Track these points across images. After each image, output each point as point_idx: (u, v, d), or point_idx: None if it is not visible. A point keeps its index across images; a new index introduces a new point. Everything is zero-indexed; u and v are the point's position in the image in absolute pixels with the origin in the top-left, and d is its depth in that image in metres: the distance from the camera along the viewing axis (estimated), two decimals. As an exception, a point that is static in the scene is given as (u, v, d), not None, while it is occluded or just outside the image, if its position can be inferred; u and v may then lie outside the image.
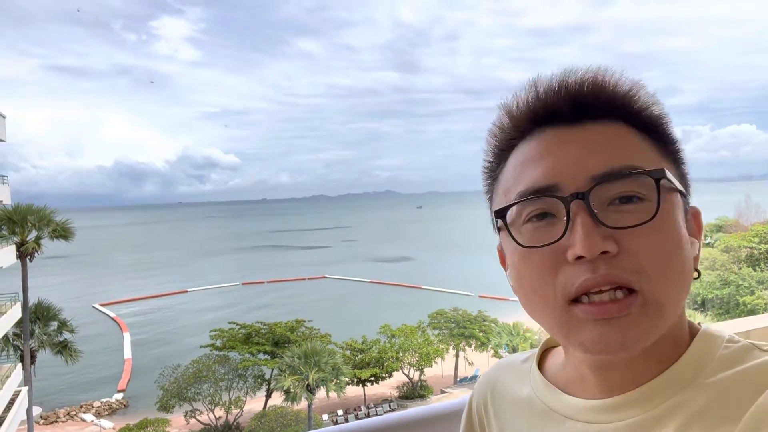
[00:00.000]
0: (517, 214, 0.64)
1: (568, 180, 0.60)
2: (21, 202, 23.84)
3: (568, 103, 0.64)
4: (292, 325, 34.01)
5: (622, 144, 0.62)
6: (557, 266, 0.59)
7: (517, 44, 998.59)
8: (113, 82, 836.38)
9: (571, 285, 0.58)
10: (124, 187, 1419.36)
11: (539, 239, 0.61)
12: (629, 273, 0.56)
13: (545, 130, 0.65)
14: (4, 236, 22.38)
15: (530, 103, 0.66)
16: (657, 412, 0.59)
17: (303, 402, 26.40)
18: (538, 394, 0.74)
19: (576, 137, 0.63)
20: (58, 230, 24.00)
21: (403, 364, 33.21)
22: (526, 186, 0.63)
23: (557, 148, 0.63)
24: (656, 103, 0.66)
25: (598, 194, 0.58)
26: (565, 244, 0.58)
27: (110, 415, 33.39)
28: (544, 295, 0.61)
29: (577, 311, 0.58)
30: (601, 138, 0.62)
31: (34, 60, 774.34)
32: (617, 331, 0.57)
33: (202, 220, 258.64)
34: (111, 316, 55.43)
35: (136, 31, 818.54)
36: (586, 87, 0.64)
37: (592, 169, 0.59)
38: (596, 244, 0.56)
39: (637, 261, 0.57)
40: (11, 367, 20.48)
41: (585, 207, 0.58)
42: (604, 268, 0.56)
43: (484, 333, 34.93)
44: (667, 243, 0.58)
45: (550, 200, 0.60)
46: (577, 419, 0.66)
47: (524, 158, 0.65)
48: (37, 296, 25.07)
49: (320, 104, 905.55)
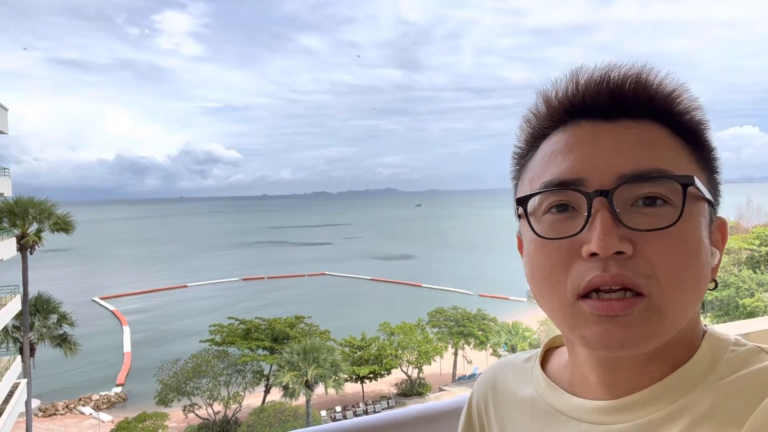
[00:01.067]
0: (539, 204, 0.63)
1: (594, 176, 0.59)
2: (22, 194, 23.83)
3: (608, 98, 0.63)
4: (291, 321, 34.06)
5: (655, 146, 0.61)
6: (571, 260, 0.59)
7: (520, 43, 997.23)
8: (115, 76, 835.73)
9: (581, 280, 0.58)
10: (126, 181, 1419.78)
11: (557, 231, 0.60)
12: (639, 276, 0.56)
13: (580, 123, 0.64)
14: (5, 229, 22.40)
15: (569, 93, 0.65)
16: (662, 415, 0.59)
17: (301, 398, 26.45)
18: (541, 393, 0.74)
19: (610, 133, 0.62)
20: (59, 223, 24.02)
21: (401, 361, 33.24)
22: (552, 177, 0.62)
23: (589, 142, 0.62)
24: (698, 108, 0.65)
25: (622, 193, 0.57)
26: (581, 239, 0.58)
27: (109, 408, 33.47)
28: (555, 286, 0.61)
29: (584, 306, 0.58)
30: (636, 137, 0.61)
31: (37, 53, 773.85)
32: (618, 329, 0.57)
33: (204, 216, 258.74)
34: (111, 310, 55.51)
35: (138, 25, 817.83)
36: (628, 84, 0.63)
37: (620, 167, 0.58)
38: (612, 244, 0.55)
39: (651, 266, 0.56)
40: (10, 359, 20.51)
41: (607, 205, 0.57)
42: (616, 269, 0.56)
43: (483, 332, 34.95)
44: (684, 251, 0.57)
45: (574, 194, 0.60)
46: (582, 420, 0.66)
47: (554, 149, 0.65)
48: (37, 289, 25.10)
49: (322, 101, 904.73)
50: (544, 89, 0.68)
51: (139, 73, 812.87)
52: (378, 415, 1.27)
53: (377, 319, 36.84)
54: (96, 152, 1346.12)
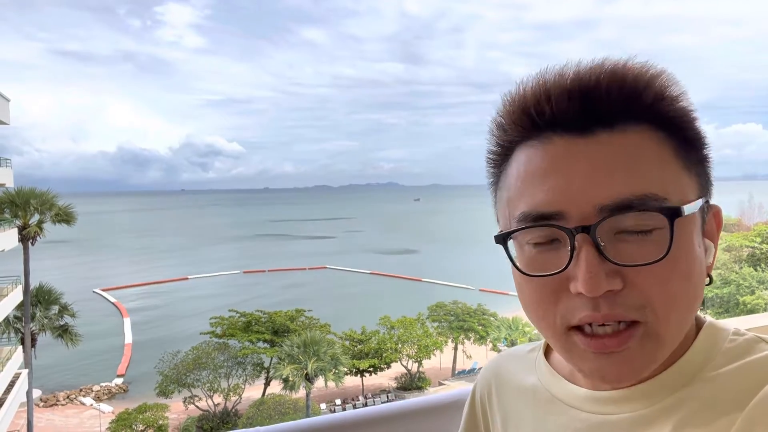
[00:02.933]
0: (522, 235, 0.60)
1: (573, 209, 0.55)
2: (25, 185, 23.86)
3: (579, 108, 0.57)
4: (291, 314, 34.12)
5: (638, 161, 0.55)
6: (559, 294, 0.57)
7: (523, 38, 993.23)
8: (117, 68, 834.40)
9: (572, 316, 0.56)
10: (128, 173, 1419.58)
11: (541, 266, 0.58)
12: (631, 309, 0.54)
13: (552, 139, 0.59)
14: (7, 219, 22.43)
15: (538, 100, 0.59)
16: (660, 407, 0.59)
17: (301, 391, 26.54)
18: (544, 382, 0.74)
19: (586, 152, 0.56)
20: (61, 214, 24.04)
21: (401, 355, 33.32)
22: (529, 207, 0.58)
23: (564, 166, 0.57)
24: (680, 97, 0.60)
25: (605, 226, 0.54)
26: (567, 274, 0.56)
27: (109, 399, 33.62)
28: (544, 317, 0.60)
29: (577, 339, 0.57)
30: (615, 154, 0.55)
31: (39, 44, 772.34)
32: (614, 366, 0.56)
33: (205, 208, 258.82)
34: (112, 302, 55.66)
35: (140, 17, 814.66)
36: (602, 86, 0.57)
37: (600, 198, 0.54)
38: (599, 284, 0.53)
39: (643, 296, 0.54)
40: (12, 349, 20.56)
41: (590, 240, 0.54)
42: (606, 307, 0.54)
43: (483, 326, 35.00)
44: (677, 278, 0.55)
45: (554, 230, 0.56)
46: (581, 409, 0.66)
47: (528, 169, 0.60)
48: (39, 280, 25.16)
49: (324, 94, 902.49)
50: (511, 93, 0.62)
51: (141, 65, 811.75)
52: (377, 407, 1.28)
53: (377, 312, 36.91)
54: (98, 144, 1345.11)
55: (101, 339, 41.22)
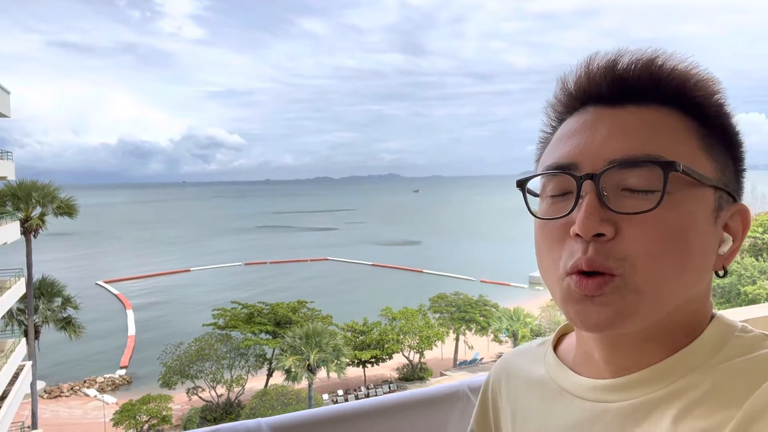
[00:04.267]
0: (543, 186, 0.67)
1: (586, 160, 0.61)
2: (27, 177, 23.92)
3: (611, 83, 0.64)
4: (293, 305, 34.22)
5: (653, 129, 0.61)
6: (564, 238, 0.62)
7: (525, 28, 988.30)
8: (117, 60, 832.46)
9: (569, 259, 0.60)
10: (129, 165, 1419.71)
11: (553, 212, 0.64)
12: (612, 259, 0.57)
13: (587, 109, 0.66)
14: (9, 212, 22.45)
15: (580, 80, 0.67)
16: (661, 394, 0.60)
17: (304, 381, 26.68)
18: (551, 373, 0.76)
19: (609, 119, 0.63)
20: (63, 207, 24.08)
21: (403, 346, 33.44)
22: (551, 161, 0.65)
23: (588, 128, 0.63)
24: (716, 93, 0.64)
25: (611, 178, 0.59)
26: (572, 219, 0.60)
27: (113, 390, 33.82)
28: (551, 262, 0.63)
29: (569, 281, 0.60)
30: (635, 122, 0.61)
31: (39, 36, 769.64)
32: (594, 308, 0.59)
33: (206, 200, 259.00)
34: (114, 293, 55.85)
35: (140, 8, 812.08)
36: (634, 69, 0.63)
37: (611, 152, 0.59)
38: (592, 226, 0.57)
39: (627, 248, 0.57)
40: (15, 341, 20.66)
41: (594, 188, 0.59)
42: (592, 252, 0.58)
43: (485, 317, 35.08)
44: (664, 235, 0.57)
45: (566, 177, 0.62)
46: (585, 398, 0.68)
47: (561, 134, 0.67)
48: (42, 272, 25.25)
49: (325, 85, 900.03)
50: (563, 75, 0.70)
51: (141, 57, 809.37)
52: (376, 398, 1.28)
53: (379, 304, 37.01)
54: (99, 136, 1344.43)
55: (104, 331, 41.43)
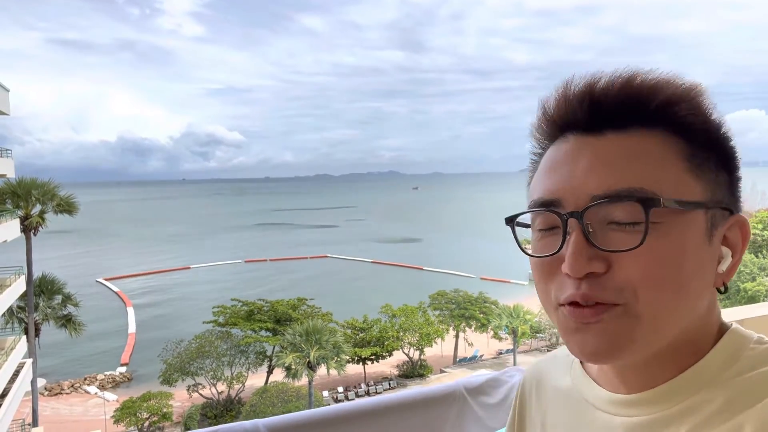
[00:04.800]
0: (532, 220, 0.66)
1: (570, 196, 0.60)
2: (27, 175, 23.82)
3: (588, 110, 0.62)
4: (293, 303, 34.26)
5: (635, 159, 0.59)
6: (554, 273, 0.61)
7: (525, 24, 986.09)
8: (116, 57, 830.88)
9: (560, 294, 0.60)
10: (129, 163, 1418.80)
11: (544, 248, 0.63)
12: (610, 292, 0.57)
13: (568, 138, 0.64)
14: (9, 210, 22.44)
15: (559, 105, 0.65)
16: (675, 411, 0.60)
17: (304, 379, 26.72)
18: (577, 384, 0.76)
19: (590, 149, 0.61)
20: (62, 204, 24.08)
21: (403, 343, 33.49)
22: (537, 196, 0.64)
23: (570, 160, 0.62)
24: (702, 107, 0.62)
25: (596, 213, 0.58)
26: (560, 255, 0.60)
27: (114, 388, 33.87)
28: (545, 295, 0.64)
29: (565, 312, 0.60)
30: (615, 151, 0.60)
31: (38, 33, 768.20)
32: (592, 339, 0.58)
33: (206, 197, 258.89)
34: (115, 291, 55.87)
35: (139, 5, 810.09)
36: (611, 92, 0.61)
37: (593, 188, 0.58)
38: (582, 266, 0.57)
39: (622, 280, 0.57)
40: (16, 339, 20.67)
41: (579, 226, 0.58)
42: (586, 287, 0.57)
43: (485, 314, 35.12)
44: (658, 265, 0.56)
45: (552, 215, 0.62)
46: (605, 411, 0.68)
47: (545, 166, 0.66)
48: (42, 270, 25.26)
49: (324, 82, 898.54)
50: (543, 99, 0.69)
51: (141, 54, 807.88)
52: (374, 398, 1.30)
53: (379, 301, 37.03)
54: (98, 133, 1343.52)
55: (105, 328, 41.46)
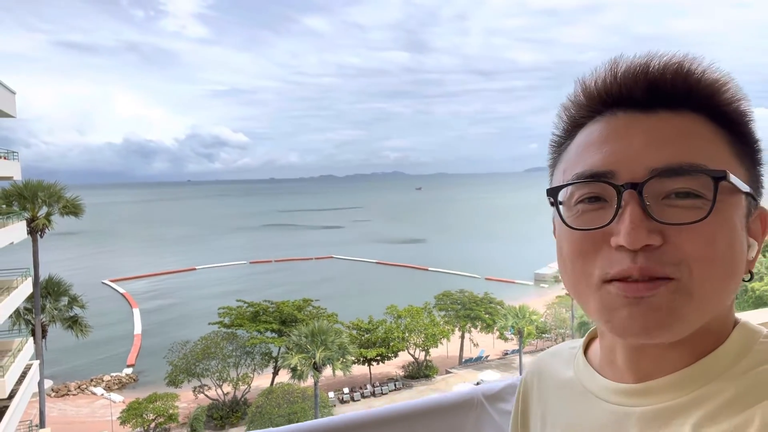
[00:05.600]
0: (571, 194, 0.64)
1: (626, 168, 0.59)
2: (33, 177, 23.95)
3: (645, 88, 0.62)
4: (299, 304, 34.28)
5: (691, 138, 0.60)
6: (599, 248, 0.60)
7: (529, 24, 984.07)
8: (121, 59, 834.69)
9: (609, 268, 0.58)
10: (134, 165, 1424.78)
11: (587, 222, 0.61)
12: (668, 265, 0.56)
13: (616, 114, 0.64)
14: (16, 212, 22.53)
15: (607, 82, 0.64)
16: (684, 401, 0.60)
17: (309, 380, 26.71)
18: (579, 376, 0.76)
19: (645, 125, 0.61)
20: (68, 206, 24.14)
21: (408, 344, 33.46)
22: (584, 168, 0.62)
23: (623, 134, 0.61)
24: (741, 99, 0.63)
25: (653, 187, 0.57)
26: (610, 229, 0.58)
27: (120, 389, 33.99)
28: (582, 271, 0.61)
29: (611, 288, 0.58)
30: (671, 129, 0.60)
31: (43, 36, 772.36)
32: (642, 316, 0.57)
33: (211, 198, 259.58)
34: (121, 292, 56.08)
35: (143, 7, 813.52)
36: (667, 74, 0.61)
37: (653, 161, 0.58)
38: (640, 237, 0.55)
39: (680, 253, 0.56)
40: (23, 341, 20.74)
41: (637, 197, 0.57)
42: (643, 260, 0.56)
43: (490, 315, 35.06)
44: (714, 243, 0.56)
45: (604, 186, 0.60)
46: (609, 401, 0.68)
47: (589, 139, 0.64)
48: (48, 272, 25.34)
49: (329, 83, 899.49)
50: (583, 77, 0.68)
51: (145, 56, 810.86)
52: (389, 406, 1.27)
53: (384, 302, 37.02)
54: (104, 136, 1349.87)
55: (111, 330, 41.60)
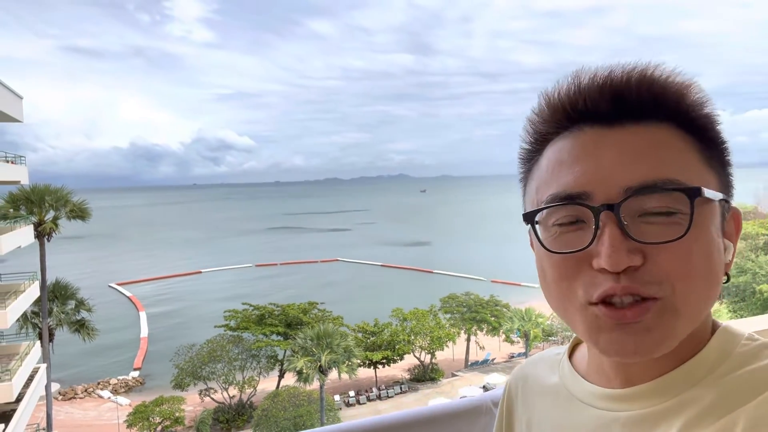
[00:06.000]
0: (547, 215, 0.63)
1: (600, 189, 0.58)
2: (40, 181, 24.06)
3: (610, 101, 0.61)
4: (304, 307, 34.29)
5: (661, 150, 0.59)
6: (581, 269, 0.59)
7: (533, 26, 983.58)
8: (128, 63, 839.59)
9: (593, 290, 0.58)
10: (140, 168, 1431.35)
11: (566, 244, 0.60)
12: (650, 285, 0.56)
13: (583, 129, 0.63)
14: (23, 216, 22.66)
15: (571, 96, 0.63)
16: (669, 405, 0.60)
17: (315, 383, 26.71)
18: (564, 381, 0.76)
19: (614, 140, 0.60)
20: (75, 210, 24.26)
21: (414, 347, 33.40)
22: (557, 190, 0.61)
23: (593, 152, 0.60)
24: (707, 102, 0.63)
25: (629, 205, 0.57)
26: (590, 251, 0.58)
27: (127, 392, 34.07)
28: (566, 292, 0.61)
29: (597, 311, 0.58)
30: (642, 143, 0.59)
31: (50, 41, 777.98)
32: (631, 338, 0.57)
33: (217, 202, 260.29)
34: (127, 296, 56.27)
35: (149, 12, 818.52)
36: (632, 84, 0.61)
37: (626, 179, 0.57)
38: (621, 259, 0.55)
39: (662, 272, 0.56)
40: (30, 344, 20.84)
41: (614, 218, 0.56)
42: (626, 281, 0.56)
43: (496, 318, 34.97)
44: (695, 257, 0.57)
45: (581, 208, 0.59)
46: (595, 406, 0.68)
47: (559, 157, 0.63)
48: (55, 275, 25.46)
49: (334, 86, 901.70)
50: (546, 90, 0.66)
51: (151, 60, 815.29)
52: (399, 413, 1.27)
53: (390, 305, 36.99)
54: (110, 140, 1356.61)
55: (117, 333, 41.72)
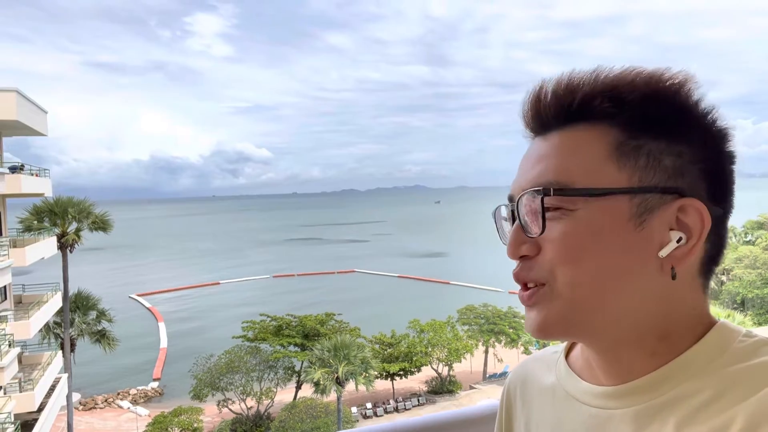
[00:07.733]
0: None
1: (515, 192, 0.68)
2: (63, 194, 24.55)
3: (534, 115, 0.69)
4: (321, 318, 34.30)
5: (559, 154, 0.64)
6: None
7: (550, 36, 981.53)
8: (148, 78, 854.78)
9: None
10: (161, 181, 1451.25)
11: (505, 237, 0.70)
12: (535, 272, 0.64)
13: (532, 139, 0.71)
14: (46, 228, 23.10)
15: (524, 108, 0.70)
16: (662, 401, 0.60)
17: (332, 394, 26.65)
18: (561, 380, 0.77)
19: (535, 148, 0.68)
20: (97, 222, 24.67)
21: (432, 359, 33.17)
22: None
23: (522, 160, 0.70)
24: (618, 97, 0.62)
25: (528, 205, 0.64)
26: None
27: (146, 402, 34.32)
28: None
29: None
30: (546, 148, 0.66)
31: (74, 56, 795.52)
32: (531, 316, 0.66)
33: (236, 213, 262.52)
34: (147, 306, 56.85)
35: (170, 27, 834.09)
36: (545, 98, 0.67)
37: (524, 182, 0.66)
38: (514, 250, 0.65)
39: (547, 261, 0.63)
40: (52, 354, 21.14)
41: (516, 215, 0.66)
42: (518, 268, 0.66)
43: (514, 329, 34.60)
44: (571, 249, 0.61)
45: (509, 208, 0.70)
46: (590, 404, 0.68)
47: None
48: (77, 286, 25.86)
49: (350, 98, 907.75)
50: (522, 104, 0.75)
51: (172, 75, 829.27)
52: (409, 419, 1.28)
53: (407, 316, 36.84)
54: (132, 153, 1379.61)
55: (137, 343, 42.10)
